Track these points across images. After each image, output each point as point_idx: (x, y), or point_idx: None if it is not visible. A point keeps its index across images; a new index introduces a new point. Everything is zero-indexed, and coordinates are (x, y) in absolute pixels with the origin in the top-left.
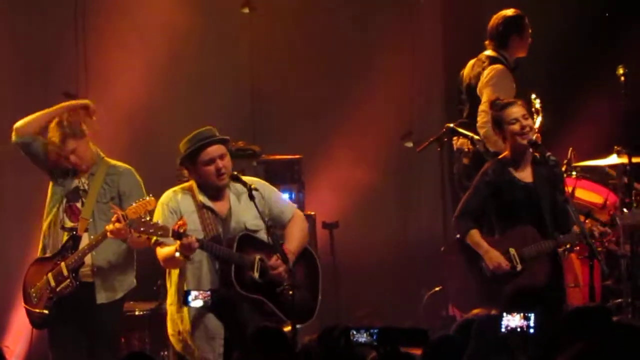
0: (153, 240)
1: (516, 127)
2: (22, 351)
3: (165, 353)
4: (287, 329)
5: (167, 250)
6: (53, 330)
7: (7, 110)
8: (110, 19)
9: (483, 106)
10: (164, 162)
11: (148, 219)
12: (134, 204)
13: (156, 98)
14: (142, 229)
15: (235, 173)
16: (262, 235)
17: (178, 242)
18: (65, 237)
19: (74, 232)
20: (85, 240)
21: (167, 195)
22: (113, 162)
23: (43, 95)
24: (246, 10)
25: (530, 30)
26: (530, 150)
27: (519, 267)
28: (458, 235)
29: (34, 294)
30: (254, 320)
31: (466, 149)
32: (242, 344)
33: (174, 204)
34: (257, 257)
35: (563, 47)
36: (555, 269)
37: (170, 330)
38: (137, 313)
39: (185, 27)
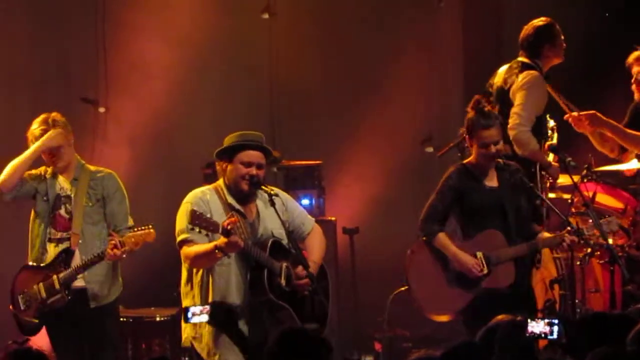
0: (179, 240)
1: (485, 151)
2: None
3: (186, 359)
4: None
5: (200, 247)
6: (55, 341)
7: (26, 116)
8: (130, 25)
9: (516, 108)
10: (184, 166)
11: (202, 213)
12: (132, 232)
13: (176, 103)
14: (197, 222)
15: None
16: (285, 244)
17: (224, 239)
18: (53, 247)
19: (68, 247)
20: (77, 255)
21: (195, 194)
22: (94, 167)
23: (62, 101)
24: (266, 16)
25: (562, 36)
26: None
27: (485, 271)
28: (424, 238)
29: (22, 301)
30: (273, 329)
31: None
32: (262, 352)
33: (203, 204)
34: (284, 264)
35: (584, 49)
36: (520, 272)
37: (192, 333)
38: (157, 319)
39: (205, 33)
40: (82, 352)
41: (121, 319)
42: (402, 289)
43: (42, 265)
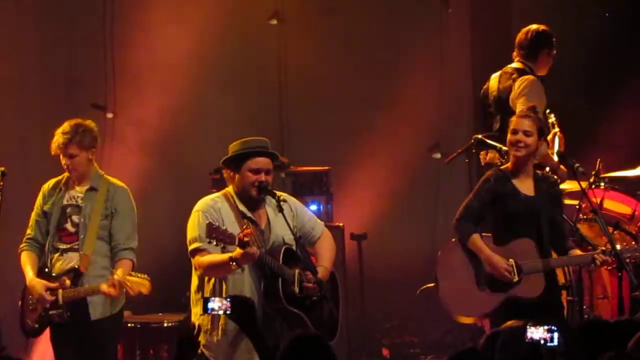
0: (191, 248)
1: (512, 137)
2: None
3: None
4: None
5: (214, 257)
6: (57, 351)
7: (36, 122)
8: (138, 32)
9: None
10: (193, 172)
11: (218, 225)
12: (133, 278)
13: (185, 109)
14: (213, 235)
15: (265, 185)
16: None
17: (239, 250)
18: (56, 257)
19: (78, 268)
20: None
21: (206, 202)
22: (112, 179)
23: (71, 106)
24: (274, 22)
25: (555, 51)
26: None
27: (516, 279)
28: (457, 238)
29: (30, 302)
30: (286, 335)
31: (498, 163)
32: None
33: (214, 212)
34: (297, 271)
35: (594, 57)
36: (550, 285)
37: (203, 342)
38: (165, 325)
39: (214, 39)
40: None
41: (129, 325)
42: (430, 285)
43: (53, 274)
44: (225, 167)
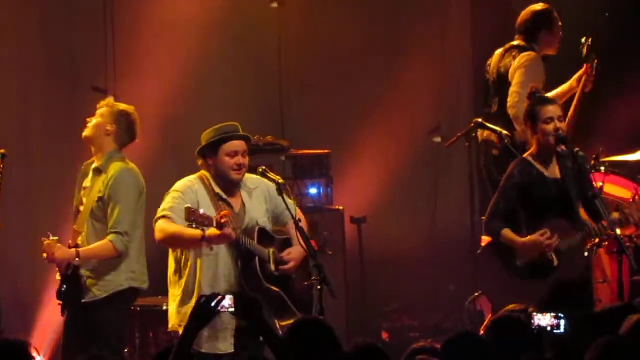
0: (159, 214)
1: (550, 127)
2: (50, 346)
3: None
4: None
5: (183, 229)
6: (63, 331)
7: (37, 105)
8: (139, 12)
9: (515, 87)
10: (194, 154)
11: (196, 209)
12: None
13: (185, 93)
14: (192, 218)
15: (264, 168)
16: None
17: (216, 231)
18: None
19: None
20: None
21: (184, 184)
22: (120, 164)
23: (71, 89)
24: (275, 5)
25: (560, 25)
26: (558, 146)
27: (556, 262)
28: (489, 239)
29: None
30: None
31: (496, 141)
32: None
33: (192, 194)
34: (271, 250)
35: (595, 40)
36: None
37: (178, 322)
38: (164, 308)
39: (214, 21)
40: (80, 345)
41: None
42: (476, 294)
43: None
44: (201, 157)
